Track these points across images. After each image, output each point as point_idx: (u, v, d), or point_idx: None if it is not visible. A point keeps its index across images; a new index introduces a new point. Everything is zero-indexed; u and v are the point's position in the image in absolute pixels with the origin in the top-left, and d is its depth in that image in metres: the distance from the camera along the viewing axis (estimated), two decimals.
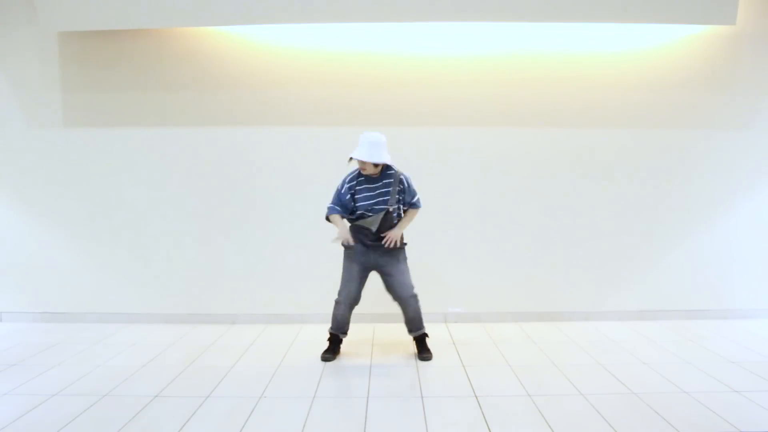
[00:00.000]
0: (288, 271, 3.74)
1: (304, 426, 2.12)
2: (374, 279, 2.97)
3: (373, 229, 2.76)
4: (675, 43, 3.68)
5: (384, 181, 2.78)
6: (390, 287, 2.86)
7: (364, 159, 2.67)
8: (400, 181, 2.79)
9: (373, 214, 2.79)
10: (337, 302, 2.90)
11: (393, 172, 2.80)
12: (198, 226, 3.75)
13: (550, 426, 2.10)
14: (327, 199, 2.94)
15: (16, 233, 3.77)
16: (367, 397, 2.40)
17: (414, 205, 2.89)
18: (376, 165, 2.72)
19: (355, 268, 2.84)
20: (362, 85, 3.64)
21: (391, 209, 2.78)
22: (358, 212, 2.81)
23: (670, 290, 3.77)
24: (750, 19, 3.66)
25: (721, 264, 3.77)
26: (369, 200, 2.78)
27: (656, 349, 3.08)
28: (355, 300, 2.87)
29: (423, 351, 2.94)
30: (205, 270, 3.76)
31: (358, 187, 2.79)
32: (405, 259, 2.91)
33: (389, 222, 2.79)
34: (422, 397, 2.40)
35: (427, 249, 3.66)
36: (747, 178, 3.73)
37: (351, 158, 2.72)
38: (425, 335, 2.97)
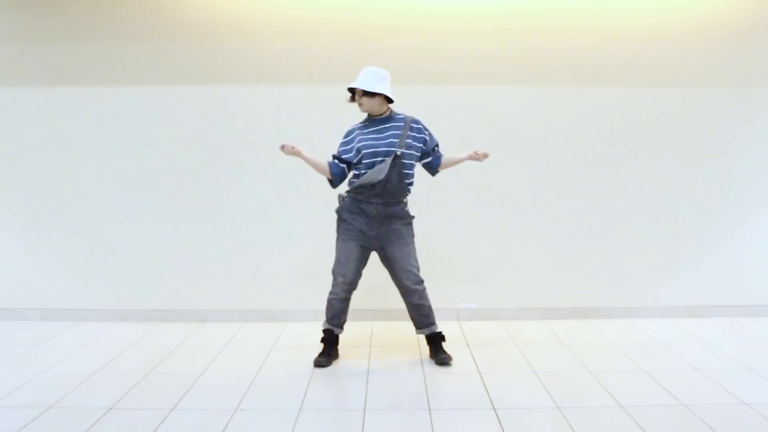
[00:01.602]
0: (270, 259, 3.74)
1: None
2: (371, 266, 2.95)
3: (381, 176, 2.74)
4: None
5: (393, 124, 2.85)
6: (392, 273, 2.87)
7: (357, 86, 2.76)
8: (411, 127, 2.85)
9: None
10: (333, 286, 2.89)
11: (402, 116, 2.88)
12: (162, 206, 3.73)
13: None
14: (319, 174, 2.93)
15: None
16: (364, 410, 2.39)
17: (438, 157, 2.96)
18: (371, 95, 2.77)
19: (352, 248, 2.83)
20: (367, 36, 3.62)
21: (399, 152, 2.78)
22: (364, 162, 2.80)
23: (726, 282, 3.76)
24: None
25: None
26: (376, 146, 2.79)
27: (711, 352, 3.07)
28: (353, 284, 2.88)
29: (438, 352, 2.93)
30: (170, 258, 3.75)
31: (362, 133, 2.85)
32: (412, 238, 2.90)
33: (399, 171, 2.77)
34: (429, 409, 2.39)
35: (435, 232, 3.64)
36: None
37: (349, 89, 2.83)
38: (438, 334, 2.97)
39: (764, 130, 3.69)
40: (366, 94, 2.78)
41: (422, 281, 2.88)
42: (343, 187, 2.94)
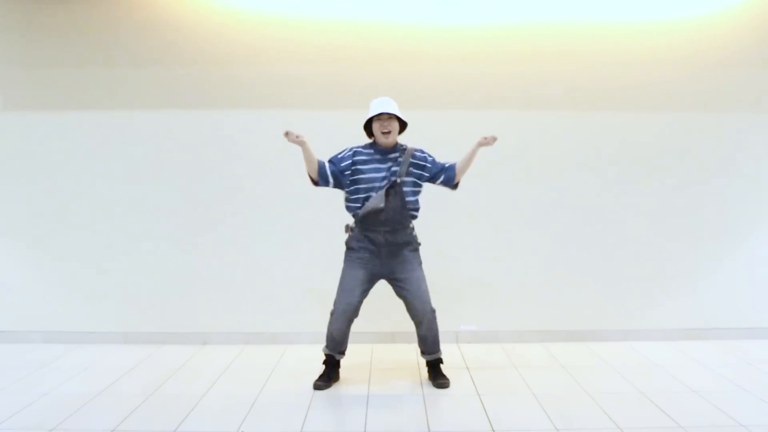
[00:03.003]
0: (272, 281, 3.74)
1: None
2: (372, 289, 2.96)
3: (381, 204, 2.76)
4: (734, 8, 3.68)
5: (395, 155, 2.88)
6: (405, 298, 2.88)
7: (382, 110, 2.77)
8: (414, 155, 2.88)
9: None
10: (332, 314, 2.90)
11: (404, 147, 2.91)
12: (164, 229, 3.74)
13: None
14: (322, 195, 2.97)
15: None
16: None
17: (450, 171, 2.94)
18: (398, 121, 2.83)
19: (360, 275, 2.84)
20: (358, 60, 3.65)
21: (399, 180, 2.81)
22: (360, 194, 2.83)
23: (723, 304, 3.77)
24: None
25: None
26: (377, 176, 2.82)
27: (708, 375, 3.08)
28: (355, 313, 2.88)
29: (438, 377, 2.95)
30: (172, 280, 3.75)
31: (364, 158, 2.86)
32: (420, 264, 2.92)
33: (399, 198, 2.80)
34: (429, 431, 2.40)
35: (435, 255, 3.60)
36: None
37: (367, 120, 2.86)
38: (440, 360, 3.00)
39: (760, 154, 3.74)
40: (392, 118, 2.81)
41: (434, 310, 2.89)
42: (350, 217, 2.95)
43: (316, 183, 2.90)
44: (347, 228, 2.92)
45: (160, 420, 2.52)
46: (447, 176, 2.94)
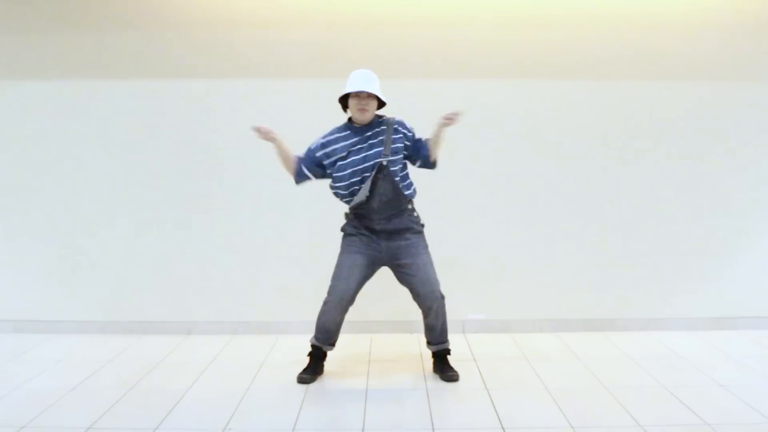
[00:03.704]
0: (261, 268, 3.73)
1: None
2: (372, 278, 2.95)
3: (363, 198, 2.74)
4: None
5: (375, 131, 2.81)
6: (411, 285, 2.86)
7: (358, 89, 2.72)
8: (395, 129, 2.81)
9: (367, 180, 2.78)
10: (325, 302, 2.89)
11: (383, 119, 2.86)
12: (144, 210, 3.73)
13: None
14: None
15: None
16: (362, 430, 2.38)
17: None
18: (376, 99, 2.78)
19: (357, 260, 2.83)
20: (348, 25, 3.61)
21: (385, 162, 2.76)
22: (346, 180, 2.79)
23: (752, 292, 3.76)
24: None
25: None
26: (357, 159, 2.78)
27: (736, 367, 3.07)
28: (351, 300, 2.88)
29: (446, 369, 2.95)
30: (153, 266, 3.75)
31: (339, 145, 2.81)
32: (426, 247, 2.90)
33: (389, 182, 2.76)
34: (433, 429, 2.38)
35: (440, 240, 3.58)
36: None
37: (343, 95, 2.80)
38: (447, 351, 3.00)
39: None
40: (371, 96, 2.76)
41: (443, 296, 2.88)
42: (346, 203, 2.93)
43: (297, 182, 2.94)
44: (346, 215, 2.92)
45: (140, 416, 2.51)
46: (423, 158, 2.87)
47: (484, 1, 3.61)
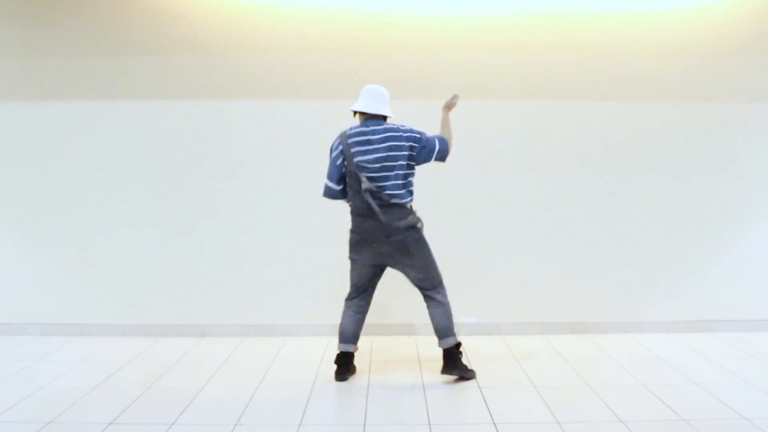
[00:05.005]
0: (270, 273, 3.73)
1: None
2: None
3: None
4: None
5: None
6: (409, 276, 2.90)
7: (362, 110, 2.82)
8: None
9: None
10: (346, 306, 2.95)
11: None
12: (161, 219, 3.74)
13: None
14: (319, 183, 2.94)
15: None
16: (364, 425, 2.39)
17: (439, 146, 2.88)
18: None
19: (366, 265, 2.87)
20: (355, 51, 3.63)
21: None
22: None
23: (726, 297, 3.76)
24: None
25: None
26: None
27: (711, 367, 3.08)
28: (366, 299, 2.91)
29: (458, 367, 2.90)
30: (170, 272, 3.75)
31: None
32: (422, 246, 2.86)
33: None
34: (430, 424, 2.40)
35: (434, 246, 3.60)
36: None
37: (353, 111, 2.88)
38: (458, 345, 2.92)
39: (765, 146, 3.70)
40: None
41: (441, 281, 2.90)
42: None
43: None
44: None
45: (158, 413, 2.52)
46: (429, 151, 2.85)
47: (469, 28, 3.63)
